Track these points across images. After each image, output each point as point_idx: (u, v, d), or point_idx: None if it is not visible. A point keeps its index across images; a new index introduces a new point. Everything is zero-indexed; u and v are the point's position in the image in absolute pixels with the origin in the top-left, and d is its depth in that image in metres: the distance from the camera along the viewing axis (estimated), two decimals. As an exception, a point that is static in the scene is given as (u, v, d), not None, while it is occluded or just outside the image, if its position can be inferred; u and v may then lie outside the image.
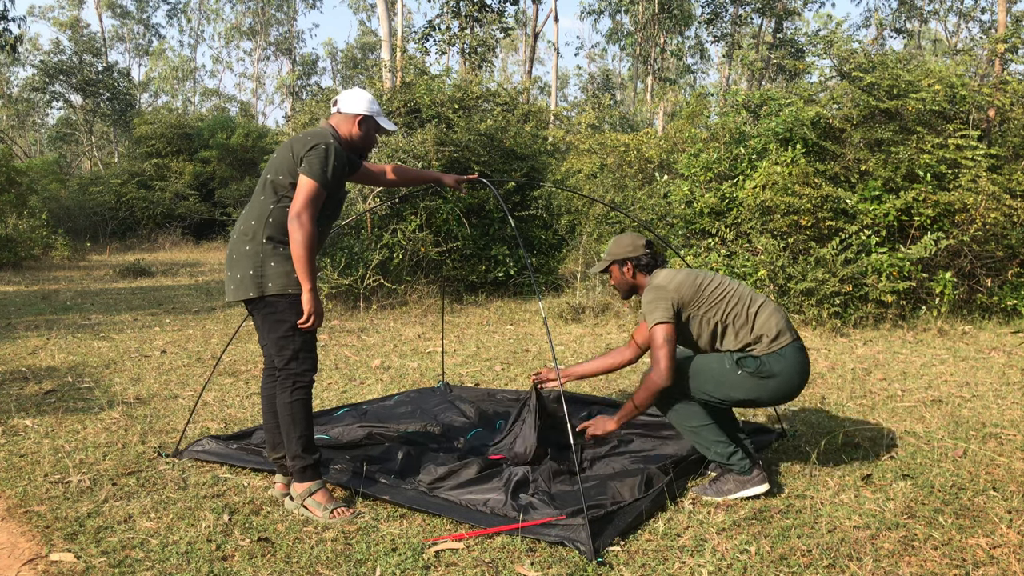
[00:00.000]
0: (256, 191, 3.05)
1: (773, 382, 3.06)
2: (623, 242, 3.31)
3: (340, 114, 3.12)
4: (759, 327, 3.10)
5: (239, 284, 2.96)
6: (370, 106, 3.12)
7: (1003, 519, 2.89)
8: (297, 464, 2.97)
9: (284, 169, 2.95)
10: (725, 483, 3.10)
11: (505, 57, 49.22)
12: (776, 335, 3.09)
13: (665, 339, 3.03)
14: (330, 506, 2.93)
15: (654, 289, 3.13)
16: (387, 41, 13.40)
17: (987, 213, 7.01)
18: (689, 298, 3.11)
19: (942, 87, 7.44)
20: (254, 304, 2.98)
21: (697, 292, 3.12)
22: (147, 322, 7.52)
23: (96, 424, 4.12)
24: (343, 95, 3.14)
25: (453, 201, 8.77)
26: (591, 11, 28.97)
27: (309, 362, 3.02)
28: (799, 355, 3.10)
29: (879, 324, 7.03)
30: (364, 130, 3.14)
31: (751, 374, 3.04)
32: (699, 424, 3.12)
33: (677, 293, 3.10)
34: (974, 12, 27.31)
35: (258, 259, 2.93)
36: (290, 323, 2.96)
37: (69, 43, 32.28)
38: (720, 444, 3.10)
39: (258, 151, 19.01)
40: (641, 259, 3.26)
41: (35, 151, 37.92)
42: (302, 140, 2.96)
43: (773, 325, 3.11)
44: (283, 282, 2.93)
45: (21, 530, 2.82)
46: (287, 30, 43.10)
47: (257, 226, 2.96)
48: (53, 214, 17.07)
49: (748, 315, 3.11)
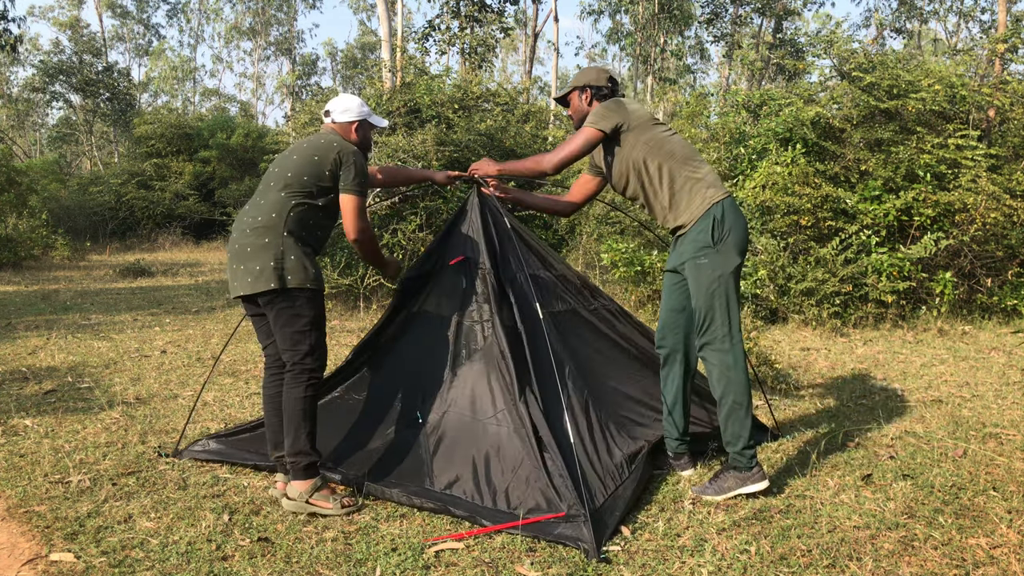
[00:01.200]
0: (269, 187, 3.07)
1: (732, 237, 3.09)
2: (588, 71, 3.36)
3: (336, 123, 3.21)
4: (703, 168, 3.16)
5: (257, 276, 2.95)
6: (360, 109, 3.22)
7: (1003, 519, 2.89)
8: (302, 461, 2.96)
9: (306, 170, 3.03)
10: (725, 480, 3.09)
11: (505, 57, 49.24)
12: (719, 183, 3.15)
13: (586, 140, 3.17)
14: (337, 498, 2.95)
15: (611, 102, 3.21)
16: (387, 41, 13.41)
17: (987, 213, 7.01)
18: (636, 123, 3.17)
19: (942, 87, 7.44)
20: (271, 297, 2.98)
21: (648, 120, 3.18)
22: (147, 322, 7.52)
23: (96, 424, 4.12)
24: (333, 104, 3.23)
25: (454, 201, 8.76)
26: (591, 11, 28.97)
27: (323, 359, 3.07)
28: (737, 208, 3.17)
29: (879, 324, 7.03)
30: (361, 135, 3.25)
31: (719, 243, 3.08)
32: (749, 402, 3.08)
33: (629, 115, 3.17)
34: (974, 12, 27.31)
35: (278, 251, 2.96)
36: (308, 318, 3.00)
37: (69, 43, 32.28)
38: (752, 433, 3.08)
39: (258, 151, 18.99)
40: (602, 88, 3.31)
41: (35, 151, 37.92)
42: (325, 146, 3.07)
43: (716, 175, 3.18)
44: (303, 276, 2.98)
45: (21, 530, 2.82)
46: (287, 30, 43.10)
47: (277, 220, 2.99)
48: (53, 214, 17.07)
49: (689, 154, 3.18)
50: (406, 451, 3.25)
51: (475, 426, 3.19)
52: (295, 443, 2.98)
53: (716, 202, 3.10)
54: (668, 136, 3.19)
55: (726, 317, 3.07)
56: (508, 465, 3.04)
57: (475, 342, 3.37)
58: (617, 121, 3.18)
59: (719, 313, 3.07)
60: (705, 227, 3.08)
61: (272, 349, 3.16)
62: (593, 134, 3.18)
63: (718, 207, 3.09)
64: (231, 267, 3.05)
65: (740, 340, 3.09)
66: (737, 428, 3.07)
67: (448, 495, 3.01)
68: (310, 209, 3.05)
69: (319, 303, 3.06)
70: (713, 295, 3.07)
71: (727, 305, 3.07)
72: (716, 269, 3.06)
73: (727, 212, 3.10)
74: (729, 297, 3.07)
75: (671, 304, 3.34)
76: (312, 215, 3.06)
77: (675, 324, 3.33)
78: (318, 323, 3.05)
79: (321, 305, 3.08)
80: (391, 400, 3.45)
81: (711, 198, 3.10)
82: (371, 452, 3.29)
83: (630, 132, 3.18)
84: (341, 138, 3.14)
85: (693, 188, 3.13)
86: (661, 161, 3.15)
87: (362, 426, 3.43)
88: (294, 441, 2.98)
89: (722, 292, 3.06)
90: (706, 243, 3.07)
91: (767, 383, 4.82)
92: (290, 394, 2.99)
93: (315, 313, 3.03)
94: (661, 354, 3.40)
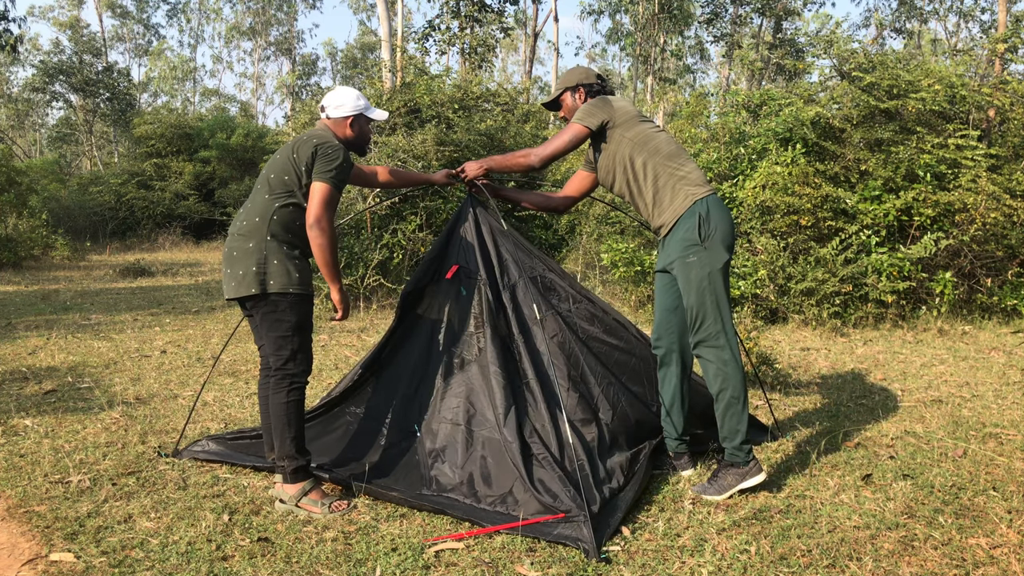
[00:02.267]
0: (256, 189, 3.05)
1: (718, 233, 3.09)
2: (576, 71, 3.37)
3: (330, 119, 3.14)
4: (687, 166, 3.16)
5: (240, 281, 2.95)
6: (356, 102, 3.13)
7: (1003, 519, 2.89)
8: (290, 465, 2.97)
9: (287, 169, 2.97)
10: (724, 478, 3.10)
11: (505, 57, 49.23)
12: (703, 181, 3.15)
13: (573, 136, 3.21)
14: (327, 501, 2.95)
15: (599, 100, 3.23)
16: (387, 41, 13.41)
17: (987, 213, 7.01)
18: (622, 120, 3.18)
19: (942, 87, 7.44)
20: (255, 301, 2.97)
21: (634, 117, 3.19)
22: (147, 322, 7.52)
23: (96, 424, 4.12)
24: (328, 99, 3.14)
25: (453, 201, 8.76)
26: (591, 11, 28.98)
27: (306, 363, 3.04)
28: (721, 204, 3.17)
29: (879, 324, 7.03)
30: (357, 129, 3.17)
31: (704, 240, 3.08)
32: (745, 397, 3.10)
33: (615, 111, 3.18)
34: (974, 12, 27.31)
35: (261, 256, 2.94)
36: (290, 323, 2.97)
37: (69, 43, 32.30)
38: (748, 428, 3.10)
39: (258, 151, 19.00)
40: (593, 86, 3.34)
41: (35, 151, 37.92)
42: (305, 142, 2.98)
43: (700, 172, 3.18)
44: (285, 281, 2.94)
45: (21, 530, 2.82)
46: (287, 30, 43.11)
47: (260, 223, 2.96)
48: (53, 214, 17.07)
49: (674, 151, 3.18)
50: (402, 460, 3.26)
51: (471, 436, 3.19)
52: (281, 447, 2.98)
53: (699, 199, 3.10)
54: (654, 133, 3.20)
55: (717, 314, 3.07)
56: (505, 472, 3.04)
57: (470, 352, 3.37)
58: (603, 118, 3.20)
59: (711, 310, 3.07)
60: (691, 225, 3.08)
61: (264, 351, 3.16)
62: (579, 130, 3.21)
63: (702, 203, 3.09)
64: (223, 269, 3.06)
65: (734, 335, 3.10)
66: (734, 423, 3.08)
67: (447, 498, 3.01)
68: (295, 209, 2.98)
69: (303, 308, 3.01)
70: (704, 293, 3.07)
71: (717, 302, 3.07)
72: (705, 267, 3.06)
73: (712, 209, 3.09)
74: (719, 294, 3.07)
75: (664, 304, 3.35)
76: (297, 215, 2.99)
77: (669, 324, 3.34)
78: (302, 328, 3.01)
79: (306, 310, 3.03)
80: (388, 412, 3.44)
81: (694, 195, 3.10)
82: (367, 463, 3.30)
83: (616, 128, 3.20)
84: (327, 132, 3.06)
85: (676, 186, 3.13)
86: (646, 158, 3.16)
87: (360, 438, 3.44)
88: (280, 446, 2.98)
89: (712, 289, 3.06)
90: (693, 241, 3.07)
91: (767, 383, 4.82)
92: (274, 399, 2.99)
93: (298, 318, 2.98)
94: (657, 354, 3.41)
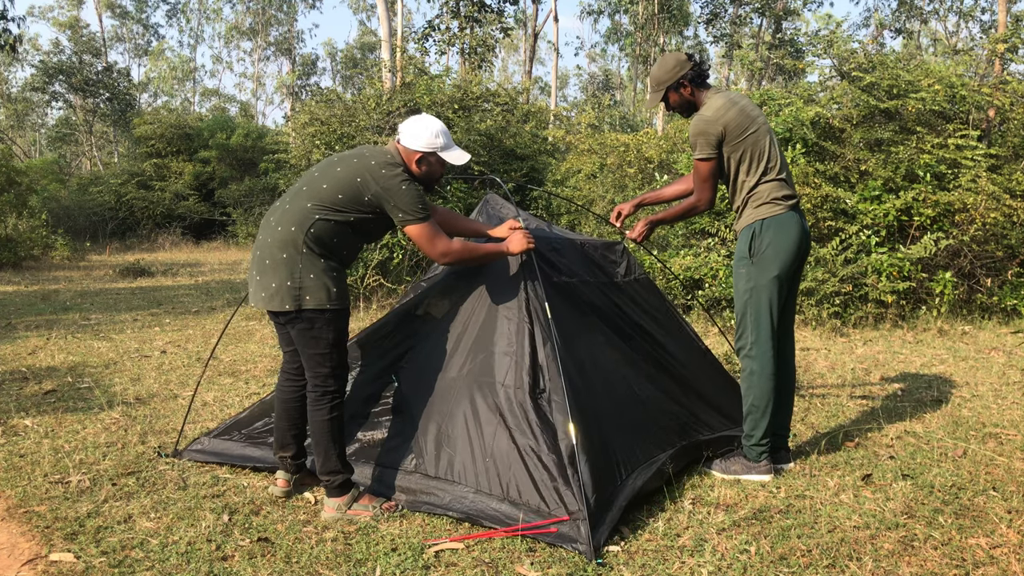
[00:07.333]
0: (299, 191, 2.90)
1: (771, 250, 3.17)
2: (669, 64, 3.27)
3: (400, 146, 2.98)
4: (766, 185, 3.22)
5: (273, 294, 2.83)
6: (432, 140, 2.93)
7: (1003, 519, 2.89)
8: (335, 479, 2.94)
9: (347, 190, 2.84)
10: (733, 463, 3.31)
11: (505, 57, 49.24)
12: (771, 198, 3.20)
13: (709, 173, 3.23)
14: (376, 504, 2.94)
15: (701, 122, 3.20)
16: (387, 41, 13.41)
17: (987, 213, 7.01)
18: (728, 131, 3.18)
19: (942, 87, 7.44)
20: (288, 317, 2.86)
21: (740, 123, 3.17)
22: (147, 322, 7.52)
23: (96, 424, 4.12)
24: (406, 126, 2.97)
25: (453, 201, 8.77)
26: (591, 11, 29.00)
27: (344, 378, 3.01)
28: (783, 224, 3.20)
29: (879, 324, 7.03)
30: (425, 169, 2.98)
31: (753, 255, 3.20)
32: (766, 407, 3.25)
33: (721, 125, 3.17)
34: (974, 12, 27.31)
35: (296, 268, 2.81)
36: (327, 340, 2.86)
37: (69, 43, 32.32)
38: (767, 426, 3.25)
39: (258, 151, 19.01)
40: (688, 74, 3.26)
41: (35, 151, 37.92)
42: (374, 170, 2.84)
43: (775, 186, 3.22)
44: (322, 296, 2.82)
45: (21, 530, 2.82)
46: (287, 30, 43.10)
47: (296, 233, 2.82)
48: (53, 214, 17.09)
49: (762, 164, 3.23)
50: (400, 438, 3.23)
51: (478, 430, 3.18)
52: (325, 463, 2.95)
53: (760, 219, 3.21)
54: (753, 140, 3.20)
55: (756, 327, 3.23)
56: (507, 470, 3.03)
57: (479, 342, 3.35)
58: (712, 142, 3.20)
59: (749, 323, 3.25)
60: (744, 239, 3.24)
61: (292, 355, 3.09)
62: (702, 166, 3.24)
63: (759, 224, 3.21)
64: (251, 273, 2.94)
65: (768, 351, 3.23)
66: (751, 426, 3.30)
67: (448, 479, 2.98)
68: (336, 225, 2.85)
69: (340, 323, 2.90)
70: (746, 304, 3.25)
71: (757, 316, 3.22)
72: (750, 280, 3.22)
73: (767, 228, 3.19)
74: (760, 309, 3.21)
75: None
76: (337, 231, 2.86)
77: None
78: (339, 343, 2.91)
79: (343, 325, 2.92)
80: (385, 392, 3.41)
81: (759, 215, 3.21)
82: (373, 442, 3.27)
83: (725, 146, 3.24)
84: (393, 162, 2.88)
85: (749, 201, 3.26)
86: (737, 166, 3.23)
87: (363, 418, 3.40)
88: (324, 462, 2.95)
89: (754, 303, 3.22)
90: (743, 254, 3.25)
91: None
92: (314, 416, 2.94)
93: (336, 334, 2.88)
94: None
